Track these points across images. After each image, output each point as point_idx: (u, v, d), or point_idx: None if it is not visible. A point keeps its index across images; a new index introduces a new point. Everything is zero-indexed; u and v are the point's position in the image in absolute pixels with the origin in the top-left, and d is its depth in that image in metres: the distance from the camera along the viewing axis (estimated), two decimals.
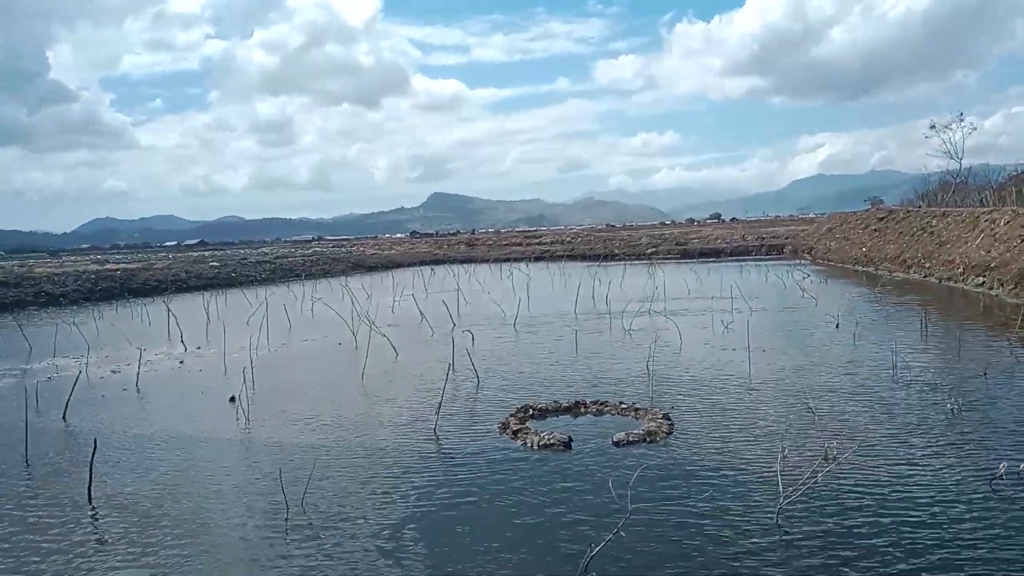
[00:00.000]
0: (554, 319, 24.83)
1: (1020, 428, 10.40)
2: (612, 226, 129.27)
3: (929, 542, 7.05)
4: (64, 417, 13.64)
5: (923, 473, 8.85)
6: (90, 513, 8.97)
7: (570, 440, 10.68)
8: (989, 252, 28.35)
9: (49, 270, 49.26)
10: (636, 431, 10.90)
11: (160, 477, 10.12)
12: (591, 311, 26.09)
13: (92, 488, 9.46)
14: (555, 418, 12.30)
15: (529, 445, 10.71)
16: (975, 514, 7.63)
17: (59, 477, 10.36)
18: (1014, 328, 17.92)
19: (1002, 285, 25.58)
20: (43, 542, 8.10)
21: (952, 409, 11.38)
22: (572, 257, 64.89)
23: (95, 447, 9.90)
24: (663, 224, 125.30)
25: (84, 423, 13.32)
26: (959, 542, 7.03)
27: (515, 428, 11.42)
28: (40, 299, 38.66)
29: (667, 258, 60.14)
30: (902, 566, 6.62)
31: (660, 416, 11.63)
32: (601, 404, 12.75)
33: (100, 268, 49.63)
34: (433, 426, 11.75)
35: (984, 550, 6.86)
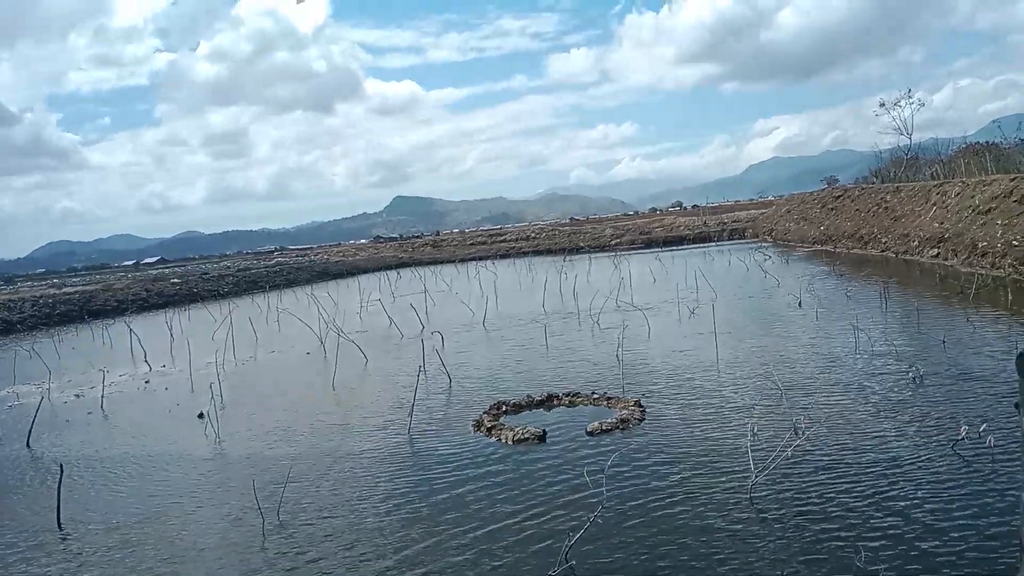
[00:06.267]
0: (523, 316, 24.87)
1: (978, 393, 10.70)
2: (576, 220, 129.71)
3: (898, 504, 7.24)
4: (28, 444, 13.33)
5: (888, 440, 9.08)
6: (60, 538, 8.79)
7: (544, 433, 10.73)
8: (942, 224, 29.06)
9: (4, 297, 47.95)
10: (609, 420, 10.99)
11: (130, 498, 9.95)
12: (559, 305, 26.20)
13: (61, 513, 9.28)
14: (529, 412, 12.34)
15: (504, 440, 10.73)
16: (939, 475, 7.86)
17: (26, 504, 10.14)
18: (969, 297, 18.42)
19: (956, 255, 26.27)
20: (13, 570, 7.92)
21: (913, 378, 11.68)
22: (538, 253, 65.02)
23: (62, 472, 9.71)
24: (626, 215, 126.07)
25: (49, 449, 13.02)
26: (926, 503, 7.23)
27: (489, 425, 11.44)
28: None
29: (632, 248, 60.65)
30: (873, 531, 6.79)
31: (632, 404, 11.75)
32: (574, 396, 12.83)
33: (57, 292, 48.45)
34: (407, 428, 11.72)
35: (949, 508, 7.07)
